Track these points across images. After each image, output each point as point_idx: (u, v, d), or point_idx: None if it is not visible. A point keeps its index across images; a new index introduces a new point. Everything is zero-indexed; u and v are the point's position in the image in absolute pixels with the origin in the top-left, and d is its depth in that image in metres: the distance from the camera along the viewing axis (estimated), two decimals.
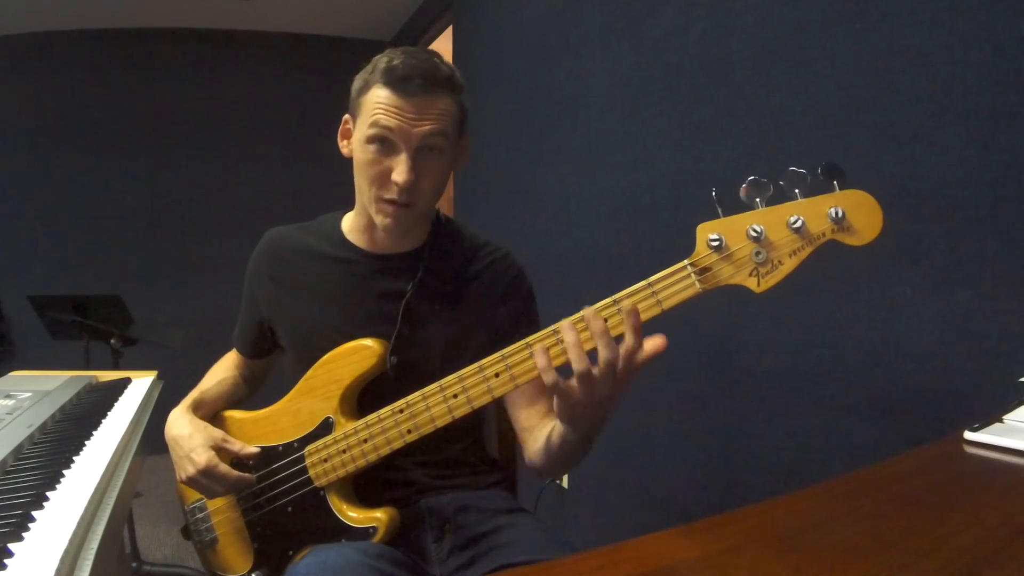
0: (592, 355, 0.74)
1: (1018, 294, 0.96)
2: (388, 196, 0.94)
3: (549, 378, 0.73)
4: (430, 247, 1.04)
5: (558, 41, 2.13)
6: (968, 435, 0.74)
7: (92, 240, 3.70)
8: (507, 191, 2.50)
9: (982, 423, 0.75)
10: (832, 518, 0.61)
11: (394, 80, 0.90)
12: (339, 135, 1.01)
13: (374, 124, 0.91)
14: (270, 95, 3.92)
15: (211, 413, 1.06)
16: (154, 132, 3.79)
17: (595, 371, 0.72)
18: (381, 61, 0.93)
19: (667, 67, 1.64)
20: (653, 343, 0.72)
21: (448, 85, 0.93)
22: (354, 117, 0.97)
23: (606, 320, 0.73)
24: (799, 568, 0.51)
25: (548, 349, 0.75)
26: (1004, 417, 0.77)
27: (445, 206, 3.14)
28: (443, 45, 3.27)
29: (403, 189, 0.92)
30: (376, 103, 0.91)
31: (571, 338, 0.73)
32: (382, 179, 0.94)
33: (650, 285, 0.75)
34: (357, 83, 0.96)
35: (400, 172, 0.91)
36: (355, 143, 0.96)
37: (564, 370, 0.75)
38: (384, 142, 0.92)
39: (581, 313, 0.74)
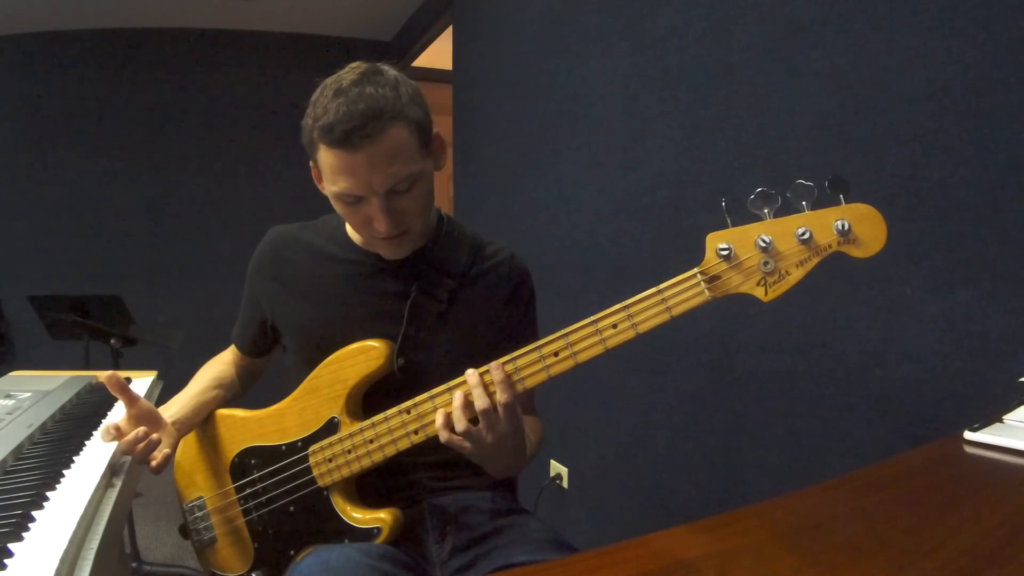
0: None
1: (1018, 294, 0.96)
2: (378, 236, 0.94)
3: (461, 425, 0.83)
4: (433, 248, 1.04)
5: (558, 41, 2.12)
6: (968, 435, 0.74)
7: (92, 240, 3.70)
8: (507, 191, 2.50)
9: (982, 423, 0.75)
10: (832, 518, 0.61)
11: (335, 141, 0.85)
12: (313, 177, 0.98)
13: (335, 188, 0.89)
14: (270, 95, 3.91)
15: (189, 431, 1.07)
16: (154, 132, 3.79)
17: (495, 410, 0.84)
18: (317, 112, 0.87)
19: (667, 67, 1.64)
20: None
21: (391, 115, 0.86)
22: (316, 165, 0.94)
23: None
24: (799, 568, 0.51)
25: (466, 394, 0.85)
26: (1004, 417, 0.77)
27: (445, 206, 3.14)
28: (443, 45, 3.28)
29: (388, 231, 0.92)
30: (329, 166, 0.88)
31: (474, 380, 0.83)
32: (366, 225, 0.94)
33: (660, 292, 0.77)
34: (304, 131, 0.91)
35: (379, 222, 0.91)
36: (327, 193, 0.94)
37: None
38: (352, 196, 0.90)
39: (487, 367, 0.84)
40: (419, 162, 0.91)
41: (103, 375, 0.92)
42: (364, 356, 0.96)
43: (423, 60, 3.73)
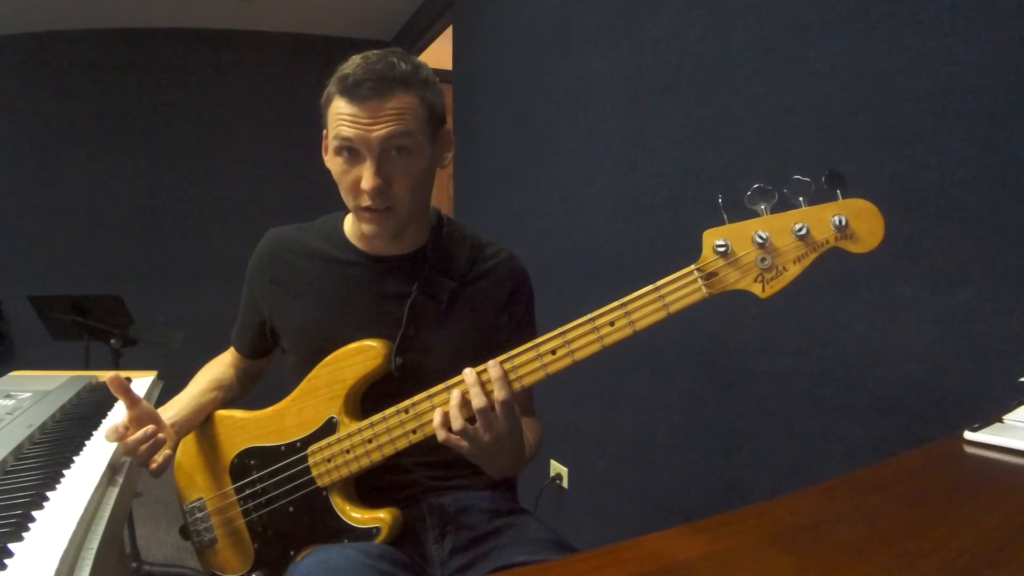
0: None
1: (1018, 294, 0.96)
2: (364, 204, 0.94)
3: (458, 424, 0.83)
4: (432, 248, 1.04)
5: (558, 41, 2.12)
6: (968, 435, 0.74)
7: (92, 240, 3.70)
8: (507, 191, 2.50)
9: (982, 423, 0.75)
10: (832, 518, 0.61)
11: (347, 88, 0.89)
12: (322, 149, 0.99)
13: (336, 136, 0.91)
14: (270, 95, 3.91)
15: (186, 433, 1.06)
16: (154, 132, 3.78)
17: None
18: (338, 70, 0.92)
19: (667, 67, 1.64)
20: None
21: (404, 82, 0.90)
22: (326, 128, 0.96)
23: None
24: (799, 568, 0.51)
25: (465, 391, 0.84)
26: (1004, 417, 0.77)
27: (445, 206, 3.14)
28: (443, 45, 3.27)
29: (374, 195, 0.91)
30: (336, 115, 0.91)
31: (471, 379, 0.83)
32: (355, 189, 0.93)
33: (657, 289, 0.77)
34: (324, 95, 0.95)
35: (367, 179, 0.91)
36: (328, 156, 0.96)
37: None
38: (350, 152, 0.91)
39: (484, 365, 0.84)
40: (420, 137, 0.93)
41: (106, 376, 0.92)
42: (362, 356, 0.96)
43: (423, 60, 3.72)
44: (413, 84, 0.92)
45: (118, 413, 1.15)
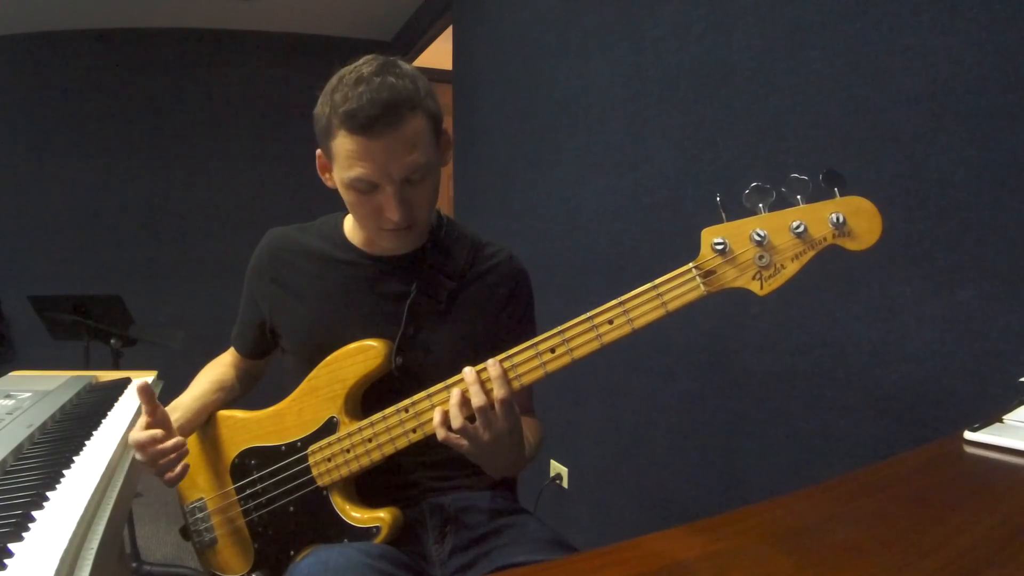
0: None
1: (1018, 294, 0.96)
2: (387, 227, 0.94)
3: (457, 423, 0.83)
4: (432, 248, 1.04)
5: (558, 41, 2.12)
6: (968, 435, 0.74)
7: (92, 240, 3.70)
8: (507, 191, 2.50)
9: (982, 423, 0.75)
10: (832, 518, 0.61)
11: (357, 127, 0.86)
12: (318, 168, 0.98)
13: (351, 173, 0.89)
14: (270, 95, 3.91)
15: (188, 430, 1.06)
16: (154, 132, 3.78)
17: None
18: (337, 99, 0.88)
19: (667, 67, 1.64)
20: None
21: (410, 105, 0.88)
22: (327, 154, 0.94)
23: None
24: (799, 568, 0.51)
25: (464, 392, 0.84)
26: (1004, 417, 0.77)
27: (445, 206, 3.14)
28: (443, 45, 3.27)
29: (400, 222, 0.92)
30: (347, 152, 0.89)
31: (471, 378, 0.83)
32: (376, 215, 0.94)
33: (655, 287, 0.77)
34: (319, 118, 0.92)
35: (391, 211, 0.91)
36: (337, 183, 0.95)
37: None
38: (367, 183, 0.91)
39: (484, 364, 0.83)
40: (432, 154, 0.93)
41: (136, 384, 0.92)
42: (363, 356, 0.96)
43: (423, 60, 3.73)
44: (418, 102, 0.89)
45: (118, 413, 1.15)
